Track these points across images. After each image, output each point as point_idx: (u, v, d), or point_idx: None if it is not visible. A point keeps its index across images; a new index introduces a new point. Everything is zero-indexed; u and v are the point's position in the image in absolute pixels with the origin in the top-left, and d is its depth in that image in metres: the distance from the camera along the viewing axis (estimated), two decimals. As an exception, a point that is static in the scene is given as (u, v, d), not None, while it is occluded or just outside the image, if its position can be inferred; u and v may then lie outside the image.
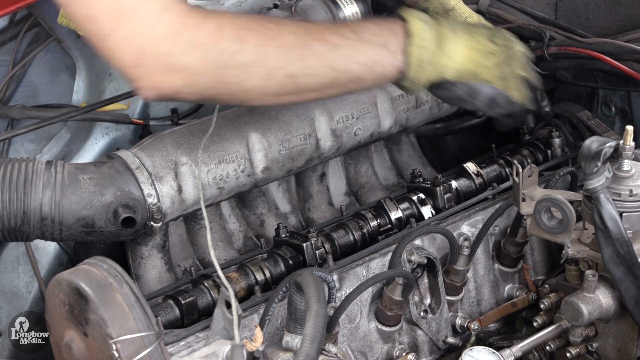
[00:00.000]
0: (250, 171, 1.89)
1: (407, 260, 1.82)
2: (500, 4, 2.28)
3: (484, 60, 1.79)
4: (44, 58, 2.31)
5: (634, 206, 1.72)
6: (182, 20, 1.52)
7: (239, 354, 1.42)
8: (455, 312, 1.95)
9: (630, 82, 2.13)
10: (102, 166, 1.77)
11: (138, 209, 1.75)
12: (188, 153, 1.82)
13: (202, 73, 1.55)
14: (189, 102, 1.63)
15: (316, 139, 1.98)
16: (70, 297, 1.46)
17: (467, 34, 1.79)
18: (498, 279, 2.03)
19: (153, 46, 1.50)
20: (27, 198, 1.67)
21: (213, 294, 1.74)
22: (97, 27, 1.50)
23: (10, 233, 1.69)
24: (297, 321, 1.57)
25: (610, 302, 1.76)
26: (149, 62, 1.51)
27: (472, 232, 1.98)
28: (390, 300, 1.79)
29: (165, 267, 1.92)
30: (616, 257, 1.70)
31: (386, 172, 2.25)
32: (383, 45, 1.72)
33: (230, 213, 2.03)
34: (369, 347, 1.83)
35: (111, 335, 1.39)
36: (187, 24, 1.53)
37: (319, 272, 1.65)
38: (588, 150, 1.69)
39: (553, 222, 1.77)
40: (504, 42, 1.83)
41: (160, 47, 1.50)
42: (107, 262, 1.48)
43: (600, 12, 2.19)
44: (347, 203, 2.17)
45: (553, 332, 1.83)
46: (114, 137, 2.21)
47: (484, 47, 1.79)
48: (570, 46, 2.13)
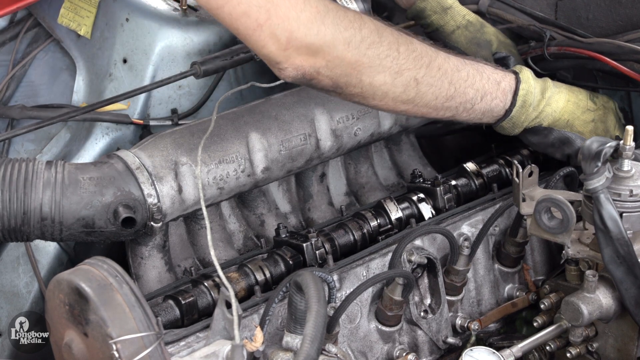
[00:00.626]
0: (250, 171, 1.89)
1: (407, 260, 1.82)
2: (500, 4, 2.28)
3: (581, 115, 1.99)
4: (44, 58, 2.31)
5: (634, 206, 1.72)
6: (326, 5, 1.65)
7: (239, 354, 1.41)
8: (455, 312, 1.95)
9: (630, 82, 2.13)
10: (102, 166, 1.77)
11: (138, 209, 1.75)
12: (188, 153, 1.82)
13: (343, 57, 1.68)
14: (321, 87, 1.75)
15: (316, 139, 1.98)
16: (71, 297, 1.46)
17: (569, 90, 2.00)
18: (498, 279, 2.03)
19: (303, 28, 1.63)
20: (27, 198, 1.67)
21: (213, 294, 1.74)
22: (251, 20, 1.60)
23: (10, 233, 1.69)
24: (297, 321, 1.57)
25: (611, 302, 1.76)
26: (297, 44, 1.63)
27: (472, 232, 1.98)
28: (391, 301, 1.79)
29: (165, 267, 1.92)
30: (616, 257, 1.70)
31: (386, 172, 2.25)
32: (497, 82, 1.90)
33: (230, 213, 2.03)
34: (369, 347, 1.83)
35: (111, 335, 1.39)
36: (331, 8, 1.66)
37: (319, 272, 1.65)
38: (588, 150, 1.69)
39: (553, 222, 1.77)
40: (603, 103, 2.04)
41: (309, 29, 1.63)
42: (107, 262, 1.48)
43: (601, 12, 2.19)
44: (347, 203, 2.17)
45: (553, 332, 1.83)
46: (114, 137, 2.21)
47: (583, 103, 2.00)
48: (570, 46, 2.13)
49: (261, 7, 1.59)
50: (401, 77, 1.75)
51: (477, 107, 1.89)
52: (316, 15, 1.63)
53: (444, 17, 2.16)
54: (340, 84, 1.72)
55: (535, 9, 2.26)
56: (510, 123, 1.96)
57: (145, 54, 2.15)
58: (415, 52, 1.77)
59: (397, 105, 1.80)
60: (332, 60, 1.67)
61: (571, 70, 2.27)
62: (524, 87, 1.93)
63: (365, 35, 1.70)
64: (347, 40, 1.67)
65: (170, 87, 2.16)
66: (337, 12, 1.67)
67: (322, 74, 1.68)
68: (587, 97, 2.03)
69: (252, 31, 1.61)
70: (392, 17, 2.60)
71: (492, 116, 1.94)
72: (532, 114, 1.95)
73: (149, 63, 2.16)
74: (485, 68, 1.91)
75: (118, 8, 2.17)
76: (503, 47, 2.18)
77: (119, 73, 2.19)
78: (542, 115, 1.96)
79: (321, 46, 1.65)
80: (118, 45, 2.19)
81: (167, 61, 2.16)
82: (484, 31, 2.17)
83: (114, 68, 2.20)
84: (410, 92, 1.78)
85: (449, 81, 1.82)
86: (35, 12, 2.25)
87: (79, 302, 1.44)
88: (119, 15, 2.17)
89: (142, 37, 2.15)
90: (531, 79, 1.95)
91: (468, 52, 2.14)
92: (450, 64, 1.83)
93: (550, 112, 1.96)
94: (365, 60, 1.70)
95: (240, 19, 1.60)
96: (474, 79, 1.87)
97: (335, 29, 1.66)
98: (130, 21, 2.16)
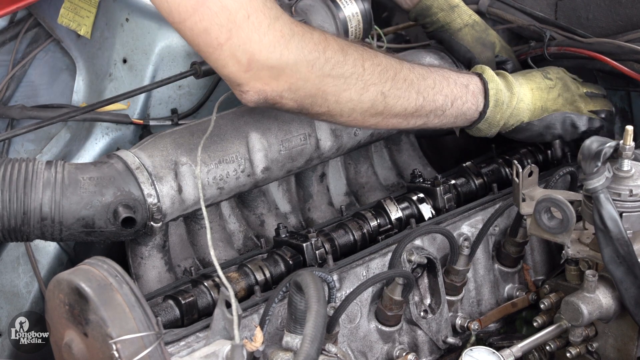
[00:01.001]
0: (250, 171, 1.89)
1: (407, 260, 1.82)
2: (500, 4, 2.28)
3: (548, 95, 2.01)
4: (44, 58, 2.31)
5: (634, 206, 1.72)
6: (291, 28, 1.63)
7: (239, 354, 1.41)
8: (455, 312, 1.95)
9: (630, 82, 2.13)
10: (102, 166, 1.77)
11: (138, 209, 1.75)
12: (188, 153, 1.82)
13: (307, 79, 1.66)
14: (286, 110, 1.73)
15: (316, 139, 1.98)
16: (70, 297, 1.46)
17: (526, 78, 2.02)
18: (498, 279, 2.03)
19: (265, 51, 1.60)
20: (27, 198, 1.67)
21: (213, 294, 1.74)
22: (212, 38, 1.58)
23: (10, 233, 1.69)
24: (297, 321, 1.57)
25: (610, 302, 1.76)
26: (259, 67, 1.61)
27: (472, 232, 1.98)
28: (390, 300, 1.79)
29: (165, 267, 1.92)
30: (616, 257, 1.70)
31: (386, 172, 2.25)
32: (465, 85, 1.91)
33: (230, 213, 2.03)
34: (369, 347, 1.83)
35: (111, 335, 1.39)
36: (296, 32, 1.64)
37: (319, 272, 1.65)
38: (588, 150, 1.69)
39: (553, 222, 1.77)
40: (556, 75, 2.06)
41: (272, 52, 1.61)
42: (107, 262, 1.48)
43: (601, 12, 2.19)
44: (347, 203, 2.17)
45: (553, 332, 1.83)
46: (114, 137, 2.21)
47: (543, 84, 2.03)
48: (570, 46, 2.14)
49: (223, 26, 1.57)
50: (367, 92, 1.74)
51: (448, 113, 1.89)
52: (280, 38, 1.61)
53: (451, 15, 2.16)
54: (306, 105, 1.71)
55: (535, 9, 2.26)
56: (486, 124, 1.96)
57: (145, 54, 2.15)
58: (380, 65, 1.76)
59: (365, 120, 1.79)
60: (295, 82, 1.65)
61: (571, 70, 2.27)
62: (492, 86, 1.94)
63: (329, 56, 1.68)
64: (310, 63, 1.65)
65: (170, 87, 2.16)
66: (302, 35, 1.65)
67: (285, 97, 1.67)
68: (542, 76, 2.05)
69: (213, 49, 1.59)
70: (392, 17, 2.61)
71: (466, 119, 1.94)
72: (507, 111, 1.96)
73: (149, 63, 2.16)
74: (450, 73, 1.92)
75: (118, 8, 2.17)
76: (504, 52, 2.18)
77: (119, 73, 2.19)
78: (519, 112, 1.98)
79: (283, 69, 1.63)
80: (118, 45, 2.19)
81: (167, 61, 2.16)
82: (488, 32, 2.18)
83: (114, 68, 2.20)
84: (378, 105, 1.77)
85: (416, 91, 1.82)
86: (35, 12, 2.25)
87: (79, 302, 1.44)
88: (119, 15, 2.17)
89: (142, 37, 2.15)
90: (496, 77, 1.96)
91: (473, 51, 2.14)
92: (416, 73, 1.83)
93: (524, 107, 1.98)
94: (329, 79, 1.69)
95: (201, 36, 1.59)
96: (442, 85, 1.87)
97: (299, 52, 1.64)
98: (130, 21, 2.16)
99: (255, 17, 1.59)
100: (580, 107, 2.07)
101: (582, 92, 2.10)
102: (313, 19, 1.98)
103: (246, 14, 1.58)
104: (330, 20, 1.99)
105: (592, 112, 2.08)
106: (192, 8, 1.56)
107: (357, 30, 2.03)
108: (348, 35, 2.02)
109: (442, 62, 2.18)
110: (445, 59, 2.19)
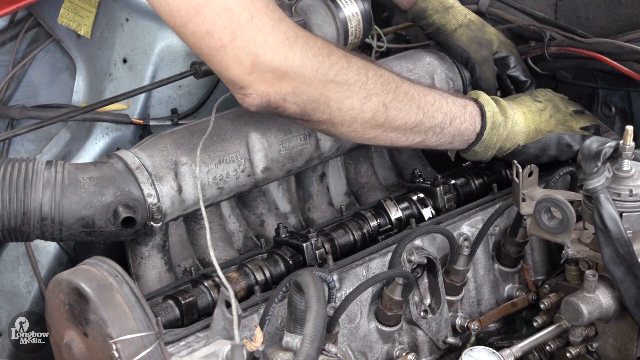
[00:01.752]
0: (250, 171, 1.89)
1: (407, 260, 1.82)
2: (500, 4, 2.28)
3: (540, 117, 2.02)
4: (44, 58, 2.31)
5: (634, 206, 1.72)
6: (295, 31, 1.61)
7: (239, 354, 1.41)
8: (455, 312, 1.95)
9: (630, 82, 2.13)
10: (102, 166, 1.77)
11: (138, 209, 1.75)
12: (188, 153, 1.82)
13: (311, 83, 1.64)
14: (287, 115, 1.70)
15: (316, 139, 1.97)
16: (70, 297, 1.46)
17: (516, 103, 2.03)
18: (498, 279, 2.03)
19: (269, 53, 1.58)
20: (27, 198, 1.67)
21: (213, 294, 1.74)
22: (215, 40, 1.56)
23: (10, 233, 1.69)
24: (297, 321, 1.57)
25: (610, 302, 1.76)
26: (263, 69, 1.58)
27: (472, 232, 1.98)
28: (390, 300, 1.79)
29: (165, 267, 1.92)
30: (616, 257, 1.70)
31: (386, 172, 2.25)
32: (463, 106, 1.91)
33: (230, 213, 2.03)
34: (369, 347, 1.83)
35: (111, 335, 1.39)
36: (300, 35, 1.62)
37: (319, 272, 1.65)
38: (588, 150, 1.69)
39: (553, 222, 1.77)
40: (544, 97, 2.07)
41: (276, 53, 1.59)
42: (107, 262, 1.49)
43: (601, 12, 2.19)
44: (347, 203, 2.17)
45: (553, 332, 1.84)
46: (114, 137, 2.21)
47: (533, 107, 2.03)
48: (570, 46, 2.14)
49: (226, 27, 1.54)
50: (370, 102, 1.73)
51: (447, 131, 1.88)
52: (285, 40, 1.59)
53: (446, 16, 2.16)
54: (308, 111, 1.69)
55: (535, 9, 2.26)
56: (482, 146, 1.95)
57: (145, 54, 2.15)
58: (382, 77, 1.75)
59: (365, 132, 1.78)
60: (299, 86, 1.63)
61: (571, 70, 2.28)
62: (489, 109, 1.94)
63: (334, 61, 1.67)
64: (315, 66, 1.64)
65: (170, 87, 2.16)
66: (306, 39, 1.63)
67: (288, 101, 1.65)
68: (531, 100, 2.06)
69: (216, 52, 1.57)
70: (392, 17, 2.61)
71: (463, 140, 1.93)
72: (503, 133, 1.96)
73: (149, 63, 2.16)
74: (447, 94, 1.92)
75: (118, 8, 2.17)
76: (504, 47, 2.18)
77: (118, 73, 2.19)
78: (515, 136, 1.98)
79: (287, 71, 1.61)
80: (118, 45, 2.19)
81: (167, 61, 2.16)
82: (485, 30, 2.18)
83: (114, 68, 2.20)
84: (379, 117, 1.76)
85: (417, 105, 1.81)
86: (35, 12, 2.26)
87: (79, 302, 1.44)
88: (119, 15, 2.17)
89: (142, 37, 2.15)
90: (491, 101, 1.96)
91: (469, 50, 2.14)
92: (416, 89, 1.83)
93: (519, 130, 1.98)
94: (333, 85, 1.67)
95: (204, 39, 1.56)
96: (441, 103, 1.86)
97: (304, 55, 1.62)
98: (130, 21, 2.16)
99: (259, 18, 1.57)
100: (572, 126, 2.06)
101: (571, 110, 2.10)
102: (313, 19, 1.98)
103: (250, 15, 1.56)
104: (330, 20, 1.99)
105: (582, 128, 2.07)
106: (194, 10, 1.54)
107: (357, 30, 2.03)
108: (348, 35, 2.02)
109: (442, 62, 2.18)
110: (445, 59, 2.19)
